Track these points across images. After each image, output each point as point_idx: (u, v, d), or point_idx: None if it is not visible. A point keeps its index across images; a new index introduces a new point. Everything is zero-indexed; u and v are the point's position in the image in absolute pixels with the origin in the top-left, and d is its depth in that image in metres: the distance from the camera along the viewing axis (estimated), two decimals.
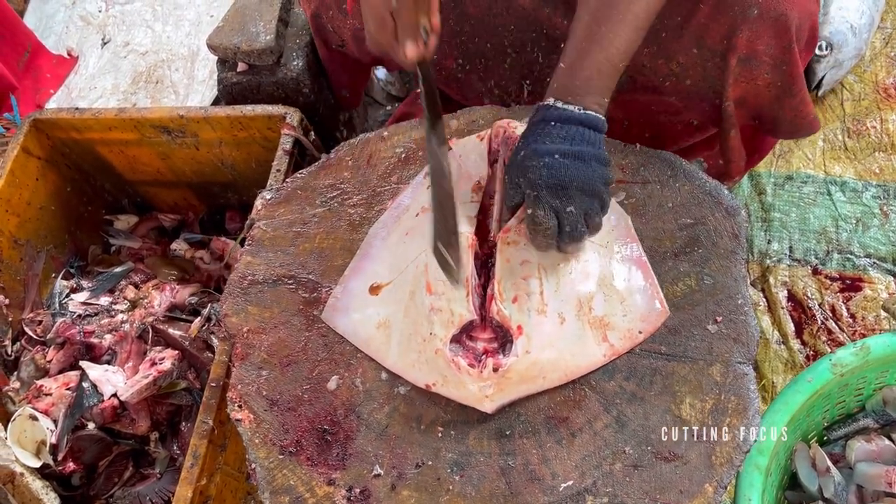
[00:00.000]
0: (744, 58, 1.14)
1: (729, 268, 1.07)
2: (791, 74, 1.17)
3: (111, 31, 2.34)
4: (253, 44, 1.56)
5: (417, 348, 1.03)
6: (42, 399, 1.42)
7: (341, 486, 1.00)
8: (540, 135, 0.97)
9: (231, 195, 1.77)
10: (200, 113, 1.52)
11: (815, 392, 1.17)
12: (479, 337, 1.03)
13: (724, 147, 1.30)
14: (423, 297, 1.04)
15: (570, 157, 0.95)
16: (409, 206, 1.16)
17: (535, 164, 0.95)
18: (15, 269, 1.55)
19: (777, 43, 1.13)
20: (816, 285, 1.61)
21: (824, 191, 1.72)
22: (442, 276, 1.01)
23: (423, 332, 1.03)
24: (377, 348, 1.08)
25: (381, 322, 1.08)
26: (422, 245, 1.07)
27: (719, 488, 0.93)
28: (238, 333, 1.13)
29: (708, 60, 1.16)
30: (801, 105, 1.23)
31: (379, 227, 1.17)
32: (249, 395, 1.07)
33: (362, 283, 1.12)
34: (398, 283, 1.09)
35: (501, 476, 0.98)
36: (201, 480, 1.17)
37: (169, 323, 1.52)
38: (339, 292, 1.14)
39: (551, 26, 1.28)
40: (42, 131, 1.59)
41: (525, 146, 0.97)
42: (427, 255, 1.05)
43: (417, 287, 1.06)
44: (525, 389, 1.01)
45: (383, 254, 1.14)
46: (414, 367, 1.04)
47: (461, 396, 1.01)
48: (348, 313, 1.11)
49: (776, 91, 1.20)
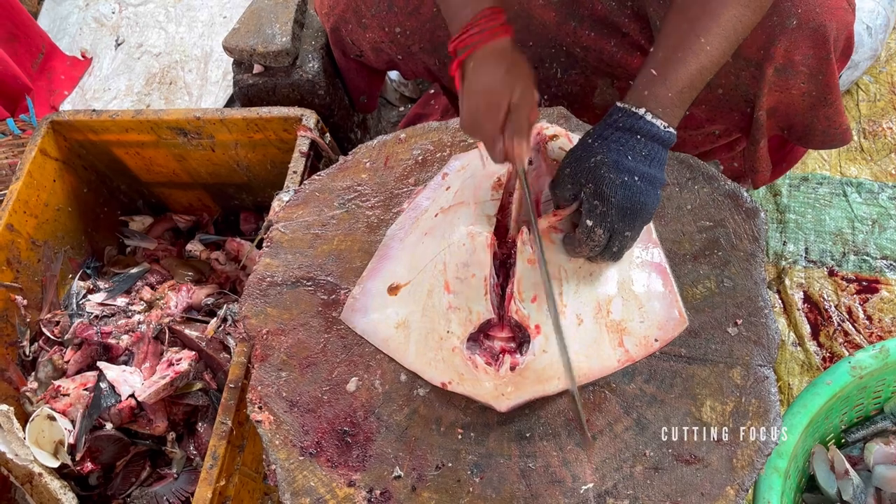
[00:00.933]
0: (780, 67, 1.14)
1: (749, 270, 1.07)
2: (827, 84, 1.17)
3: (125, 33, 2.35)
4: (269, 46, 1.57)
5: (434, 346, 1.04)
6: (60, 399, 1.43)
7: (361, 488, 1.00)
8: (624, 147, 0.92)
9: (246, 196, 1.78)
10: (217, 115, 1.52)
11: (833, 395, 1.17)
12: (496, 336, 1.04)
13: (752, 157, 1.29)
14: (442, 296, 1.05)
15: (646, 181, 0.92)
16: (428, 208, 1.17)
17: (612, 179, 0.91)
18: (33, 270, 1.55)
19: (815, 53, 1.13)
20: (833, 287, 1.61)
21: (840, 192, 1.72)
22: (460, 275, 1.03)
23: (441, 331, 1.04)
24: (396, 348, 1.08)
25: (399, 322, 1.08)
26: (440, 245, 1.08)
27: (741, 491, 0.93)
28: (257, 335, 1.14)
29: (742, 70, 1.16)
30: (836, 115, 1.23)
31: (397, 229, 1.18)
32: (269, 396, 1.08)
33: (381, 283, 1.13)
34: (416, 283, 1.09)
35: (522, 478, 0.98)
36: (220, 481, 1.18)
37: (185, 324, 1.53)
38: (358, 293, 1.14)
39: (574, 42, 1.27)
40: (59, 133, 1.60)
41: (604, 153, 0.92)
42: (446, 253, 1.06)
43: (436, 286, 1.06)
44: (540, 390, 1.01)
45: (402, 254, 1.14)
46: (430, 366, 1.04)
47: (476, 394, 1.01)
48: (367, 314, 1.11)
49: (811, 101, 1.19)
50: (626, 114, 0.93)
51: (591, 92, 1.34)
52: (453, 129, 1.26)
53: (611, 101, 1.34)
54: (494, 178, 1.12)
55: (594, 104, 1.36)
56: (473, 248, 1.05)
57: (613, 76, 1.31)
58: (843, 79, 1.77)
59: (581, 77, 1.32)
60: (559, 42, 1.29)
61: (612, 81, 1.32)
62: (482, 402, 1.01)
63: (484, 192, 1.11)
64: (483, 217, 1.08)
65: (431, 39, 1.37)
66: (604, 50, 1.25)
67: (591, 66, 1.30)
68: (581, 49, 1.27)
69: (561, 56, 1.31)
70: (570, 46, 1.28)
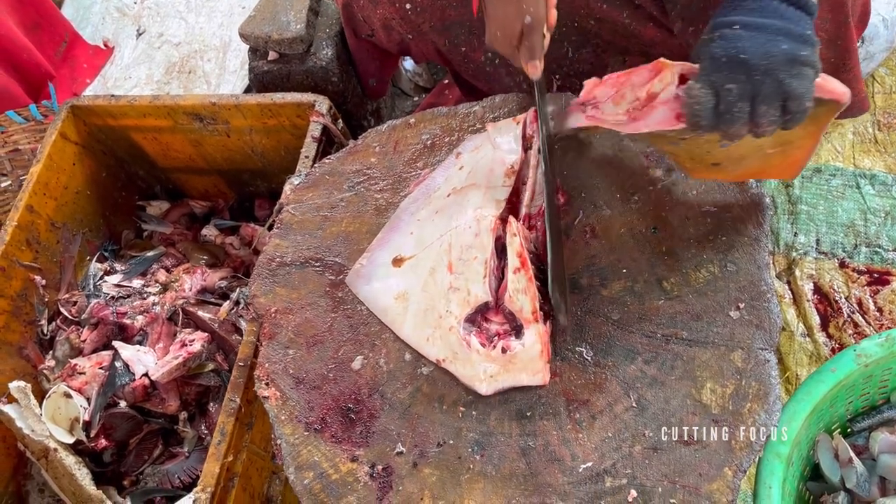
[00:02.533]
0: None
1: (752, 255, 1.07)
2: (846, 49, 1.16)
3: (146, 23, 2.39)
4: (283, 33, 1.59)
5: (433, 324, 1.07)
6: (76, 377, 1.46)
7: (364, 463, 1.02)
8: (727, 7, 0.89)
9: (260, 183, 1.80)
10: (232, 100, 1.55)
11: (838, 382, 1.16)
12: (492, 319, 1.06)
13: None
14: (444, 275, 1.07)
15: (750, 28, 0.85)
16: (441, 186, 1.19)
17: (709, 36, 0.88)
18: (52, 252, 1.59)
19: (833, 17, 1.12)
20: (843, 278, 1.60)
21: (853, 184, 1.70)
22: (463, 256, 1.05)
23: (440, 309, 1.06)
24: (393, 318, 1.11)
25: (399, 293, 1.11)
26: (449, 225, 1.10)
27: (738, 472, 0.94)
28: (266, 313, 1.16)
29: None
30: (855, 81, 1.21)
31: (410, 202, 1.20)
32: (276, 373, 1.10)
33: (387, 254, 1.15)
34: (421, 259, 1.12)
35: (522, 456, 1.00)
36: (228, 457, 1.20)
37: (199, 306, 1.55)
38: (365, 260, 1.16)
39: (587, 13, 1.27)
40: (79, 117, 1.63)
41: (710, 22, 0.89)
42: (452, 234, 1.08)
43: (439, 265, 1.09)
44: (526, 379, 1.03)
45: (411, 228, 1.16)
46: (428, 342, 1.07)
47: (465, 374, 1.04)
48: (370, 281, 1.14)
49: (829, 67, 1.18)
50: None
51: (603, 70, 1.34)
52: (462, 114, 1.28)
53: None
54: (507, 164, 1.14)
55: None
56: (478, 230, 1.08)
57: (626, 51, 1.30)
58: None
59: (592, 55, 1.32)
60: (572, 16, 1.29)
61: (624, 59, 1.31)
62: (467, 383, 1.04)
63: (496, 177, 1.14)
64: (493, 202, 1.10)
65: (442, 18, 1.38)
66: (616, 21, 1.25)
67: (604, 41, 1.30)
68: (594, 21, 1.27)
69: (573, 34, 1.31)
70: (582, 19, 1.28)
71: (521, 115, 1.18)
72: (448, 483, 0.99)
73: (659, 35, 1.22)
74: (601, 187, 1.17)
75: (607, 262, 1.11)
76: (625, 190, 1.16)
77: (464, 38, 1.41)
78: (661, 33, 1.22)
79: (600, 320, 1.07)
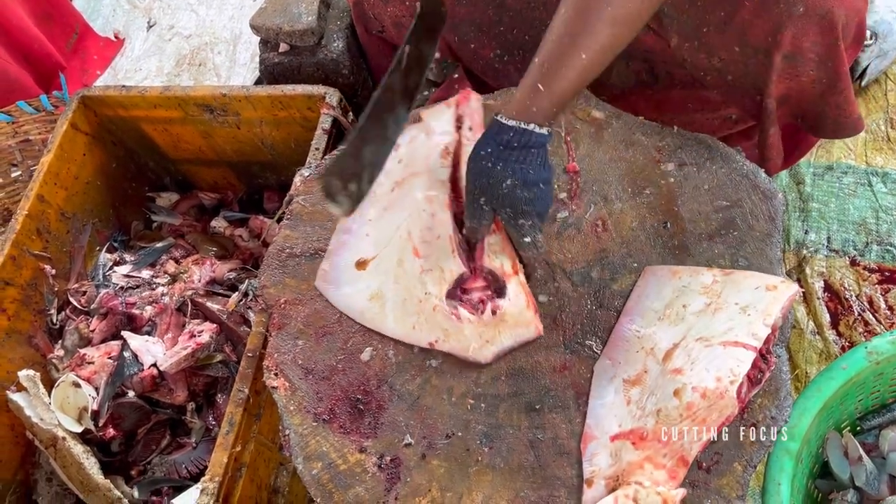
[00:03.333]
0: (789, 55, 1.13)
1: (764, 250, 1.07)
2: (836, 71, 1.16)
3: (156, 15, 2.39)
4: (295, 25, 1.59)
5: (415, 311, 1.08)
6: (85, 367, 1.46)
7: (372, 454, 1.02)
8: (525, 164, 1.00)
9: (269, 175, 1.80)
10: (242, 92, 1.55)
11: (849, 380, 1.15)
12: (472, 287, 1.08)
13: (763, 144, 1.29)
14: (412, 263, 1.10)
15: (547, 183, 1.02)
16: (383, 182, 1.20)
17: (528, 198, 1.00)
18: (62, 241, 1.59)
19: (823, 40, 1.12)
20: (854, 276, 1.59)
21: (865, 182, 1.69)
22: (426, 239, 1.09)
23: (419, 294, 1.08)
24: (372, 318, 1.11)
25: (373, 294, 1.12)
26: (402, 216, 1.14)
27: (749, 467, 0.94)
28: (275, 304, 1.16)
29: (750, 57, 1.15)
30: (846, 103, 1.22)
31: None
32: (285, 363, 1.10)
33: (348, 258, 1.16)
34: (384, 256, 1.14)
35: (530, 449, 0.99)
36: (236, 447, 1.20)
37: (207, 297, 1.55)
38: (328, 265, 1.17)
39: None
40: (90, 108, 1.64)
41: (512, 175, 1.00)
42: (408, 222, 1.12)
43: (405, 255, 1.11)
44: (521, 334, 1.05)
45: (364, 230, 1.17)
46: (414, 330, 1.08)
47: (461, 348, 1.05)
48: (340, 286, 1.15)
49: (821, 88, 1.19)
50: (518, 132, 0.99)
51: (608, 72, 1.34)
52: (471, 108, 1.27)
53: (627, 82, 1.35)
54: (441, 146, 1.17)
55: (611, 84, 1.36)
56: (433, 210, 1.11)
57: (628, 57, 1.30)
58: (872, 68, 1.75)
59: None
60: None
61: (627, 63, 1.32)
62: (466, 356, 1.05)
63: (434, 160, 1.17)
64: (437, 182, 1.14)
65: (452, 15, 1.38)
66: None
67: None
68: None
69: None
70: None
71: (453, 99, 1.22)
72: (456, 475, 0.99)
73: (658, 44, 1.23)
74: (612, 181, 1.16)
75: (618, 256, 1.11)
76: (636, 184, 1.15)
77: (473, 36, 1.41)
78: (661, 42, 1.23)
79: (611, 314, 1.06)
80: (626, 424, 0.97)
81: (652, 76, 1.32)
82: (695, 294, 1.02)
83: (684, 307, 1.02)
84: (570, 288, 1.10)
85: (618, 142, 1.19)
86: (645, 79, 1.32)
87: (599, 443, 0.97)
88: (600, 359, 1.04)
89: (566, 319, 1.08)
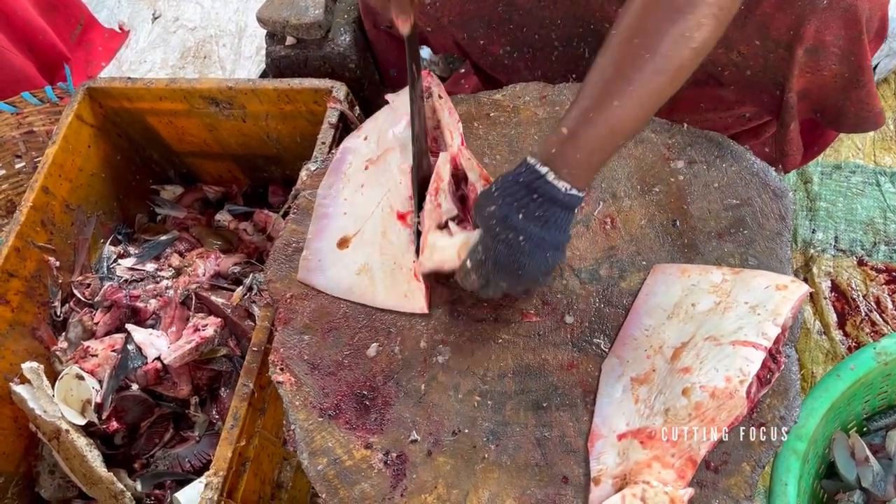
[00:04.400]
0: (811, 48, 1.12)
1: (774, 250, 1.06)
2: (859, 65, 1.15)
3: (161, 7, 2.38)
4: (301, 18, 1.58)
5: (406, 279, 1.09)
6: (88, 359, 1.46)
7: (378, 450, 1.01)
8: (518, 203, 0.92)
9: (274, 169, 1.80)
10: (248, 85, 1.54)
11: (857, 380, 1.15)
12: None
13: (782, 140, 1.28)
14: (399, 231, 1.12)
15: (533, 243, 0.92)
16: (352, 163, 1.22)
17: (497, 234, 0.93)
18: (66, 233, 1.59)
19: (846, 34, 1.11)
20: (861, 276, 1.59)
21: (873, 181, 1.69)
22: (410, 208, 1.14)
23: (408, 263, 1.10)
24: (362, 292, 1.12)
25: (360, 267, 1.13)
26: (382, 191, 1.17)
27: (757, 467, 0.93)
28: (281, 299, 1.15)
29: (771, 52, 1.14)
30: (868, 97, 1.20)
31: (326, 188, 1.22)
32: (291, 358, 1.09)
33: (328, 240, 1.17)
34: (366, 230, 1.15)
35: (537, 447, 0.99)
36: (240, 441, 1.20)
37: (212, 291, 1.55)
38: (309, 254, 1.17)
39: (602, 17, 1.26)
40: (95, 100, 1.63)
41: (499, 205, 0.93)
42: (388, 196, 1.16)
43: (389, 225, 1.13)
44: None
45: (342, 210, 1.19)
46: (406, 297, 1.09)
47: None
48: (324, 270, 1.15)
49: (843, 82, 1.17)
50: (530, 170, 0.91)
51: None
52: (482, 102, 1.27)
53: None
54: (407, 119, 1.19)
55: None
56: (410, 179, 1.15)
57: None
58: (881, 67, 1.74)
59: None
60: (588, 19, 1.28)
61: None
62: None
63: (406, 135, 1.18)
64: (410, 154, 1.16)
65: (461, 12, 1.37)
66: None
67: None
68: (609, 24, 1.26)
69: (589, 36, 1.30)
70: (598, 23, 1.27)
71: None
72: (462, 472, 0.99)
73: None
74: (621, 178, 1.16)
75: (626, 254, 1.10)
76: (645, 181, 1.15)
77: (482, 32, 1.40)
78: None
79: (619, 312, 1.06)
80: (633, 423, 0.96)
81: None
82: (704, 293, 1.02)
83: (693, 306, 1.01)
84: (578, 285, 1.09)
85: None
86: None
87: (607, 441, 0.97)
88: (608, 357, 1.03)
89: (574, 317, 1.07)
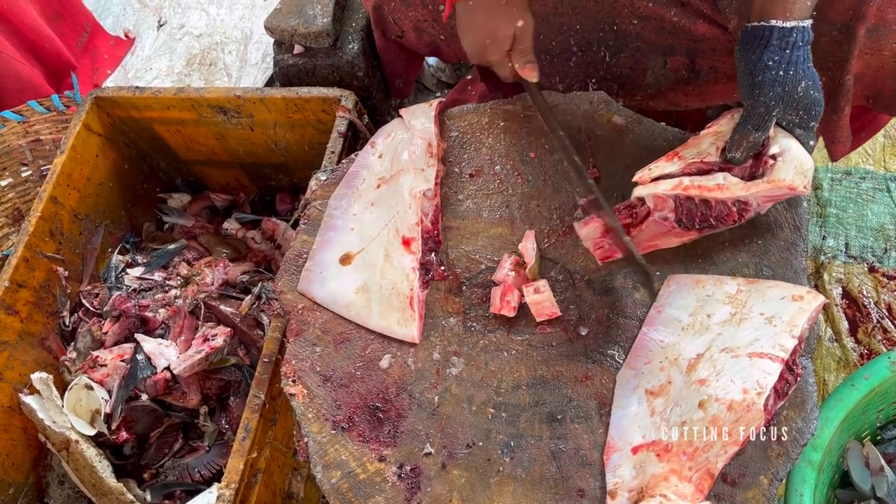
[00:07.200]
0: (872, 27, 1.08)
1: (789, 259, 1.06)
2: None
3: (167, 14, 2.38)
4: (310, 26, 1.58)
5: (401, 306, 1.09)
6: (98, 369, 1.46)
7: (392, 463, 1.01)
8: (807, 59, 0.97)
9: (282, 177, 1.79)
10: (257, 94, 1.54)
11: (871, 390, 1.15)
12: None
13: (834, 126, 1.24)
14: (401, 257, 1.12)
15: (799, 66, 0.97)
16: (366, 178, 1.22)
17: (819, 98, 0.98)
18: (74, 243, 1.59)
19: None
20: (873, 283, 1.58)
21: (884, 187, 1.68)
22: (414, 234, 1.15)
23: (405, 290, 1.10)
24: (358, 313, 1.12)
25: (359, 287, 1.13)
26: (390, 212, 1.16)
27: (774, 481, 0.92)
28: (293, 310, 1.15)
29: (824, 34, 1.11)
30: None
31: (338, 199, 1.22)
32: (303, 370, 1.09)
33: (332, 253, 1.17)
34: (370, 250, 1.15)
35: (552, 459, 0.98)
36: (252, 453, 1.19)
37: (221, 300, 1.54)
38: (311, 265, 1.17)
39: (631, 13, 1.23)
40: (103, 109, 1.63)
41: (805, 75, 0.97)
42: (396, 220, 1.16)
43: (392, 249, 1.13)
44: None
45: (350, 225, 1.18)
46: (399, 325, 1.09)
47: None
48: (324, 283, 1.15)
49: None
50: (798, 31, 0.95)
51: (643, 73, 1.31)
52: (490, 110, 1.26)
53: (664, 81, 1.31)
54: (425, 144, 1.19)
55: (646, 84, 1.33)
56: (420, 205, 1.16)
57: (670, 52, 1.26)
58: None
59: (630, 59, 1.30)
60: (611, 19, 1.26)
61: (665, 62, 1.28)
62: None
63: (419, 158, 1.19)
64: (423, 181, 1.17)
65: None
66: (664, 18, 1.21)
67: (646, 42, 1.26)
68: (638, 20, 1.23)
69: (609, 39, 1.28)
70: (624, 20, 1.24)
71: (435, 101, 1.24)
72: (477, 485, 0.98)
73: (710, 31, 1.19)
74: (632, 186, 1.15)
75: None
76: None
77: None
78: (713, 29, 1.18)
79: (633, 323, 1.05)
80: (649, 435, 0.96)
81: (693, 72, 1.28)
82: (719, 303, 1.01)
83: (708, 317, 1.01)
84: (592, 296, 1.09)
85: (639, 148, 1.17)
86: (685, 75, 1.28)
87: (622, 454, 0.96)
88: (623, 368, 1.03)
89: (588, 328, 1.07)
